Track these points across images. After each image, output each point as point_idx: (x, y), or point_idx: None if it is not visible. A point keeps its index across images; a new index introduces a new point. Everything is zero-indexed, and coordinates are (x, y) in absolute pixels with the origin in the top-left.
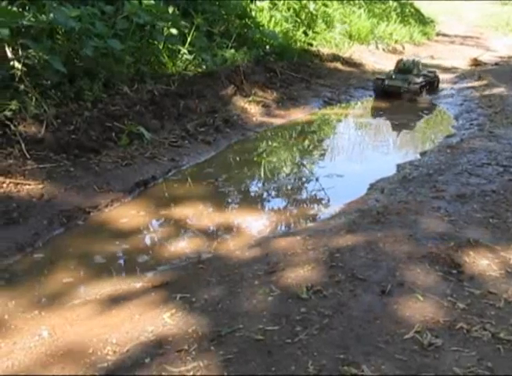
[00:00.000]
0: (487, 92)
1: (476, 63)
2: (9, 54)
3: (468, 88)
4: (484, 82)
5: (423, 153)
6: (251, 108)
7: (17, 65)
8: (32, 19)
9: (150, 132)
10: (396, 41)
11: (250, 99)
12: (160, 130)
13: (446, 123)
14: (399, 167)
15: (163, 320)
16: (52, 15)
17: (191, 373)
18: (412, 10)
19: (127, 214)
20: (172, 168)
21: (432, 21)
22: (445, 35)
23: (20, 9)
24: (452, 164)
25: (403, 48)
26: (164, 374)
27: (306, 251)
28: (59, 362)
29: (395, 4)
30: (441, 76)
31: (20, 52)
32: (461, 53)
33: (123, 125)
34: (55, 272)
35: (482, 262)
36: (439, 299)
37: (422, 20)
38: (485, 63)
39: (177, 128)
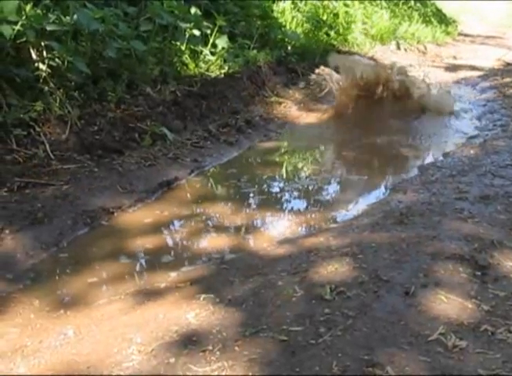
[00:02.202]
0: (510, 92)
1: (504, 63)
2: (34, 56)
3: (491, 88)
4: (508, 82)
5: (445, 154)
6: (273, 109)
7: (42, 66)
8: (56, 21)
9: (173, 133)
10: (418, 42)
11: (272, 99)
12: (182, 131)
13: (469, 123)
14: (422, 168)
15: (187, 320)
16: (75, 16)
17: (215, 373)
18: (434, 10)
19: (150, 214)
20: (195, 168)
21: (454, 21)
22: (467, 35)
23: (44, 11)
24: (475, 166)
25: (425, 48)
26: (188, 373)
27: (329, 251)
28: (84, 361)
29: (418, 4)
30: (464, 75)
31: (45, 54)
32: (483, 53)
33: (146, 126)
34: (80, 271)
35: (506, 264)
36: (463, 301)
37: (444, 20)
38: (509, 64)
39: (199, 128)
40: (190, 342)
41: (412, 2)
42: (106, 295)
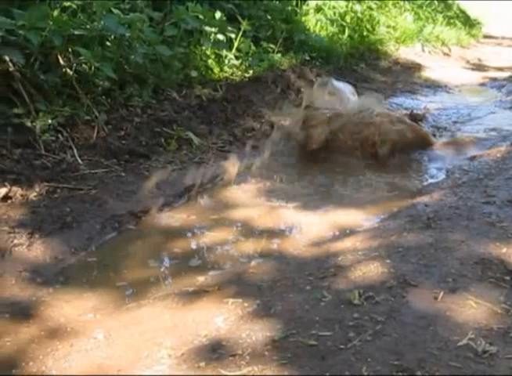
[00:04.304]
0: None
1: None
2: (61, 61)
3: None
4: None
5: (472, 158)
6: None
7: (69, 72)
8: (82, 26)
9: (198, 137)
10: (443, 44)
11: (297, 103)
12: (208, 135)
13: (495, 126)
14: (448, 172)
15: (216, 325)
16: (102, 22)
17: None
18: (458, 12)
19: (177, 218)
20: (221, 173)
21: (478, 23)
22: (491, 37)
23: (71, 17)
24: (502, 169)
25: (450, 50)
26: None
27: (356, 256)
28: (115, 364)
29: (442, 6)
30: (489, 77)
31: (72, 59)
32: (509, 55)
33: (172, 131)
34: (109, 275)
35: None
36: (492, 306)
37: (468, 22)
38: None
39: (224, 133)
40: (220, 347)
41: (436, 4)
42: (134, 299)
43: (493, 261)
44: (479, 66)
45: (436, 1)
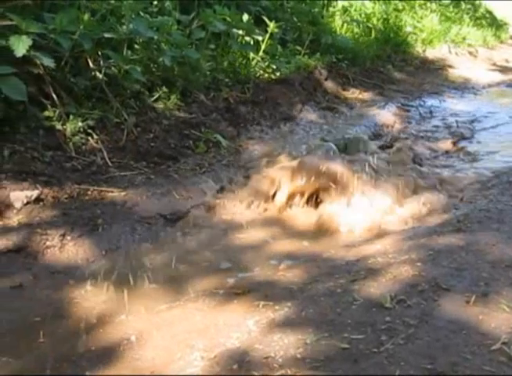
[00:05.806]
0: None
1: None
2: (91, 65)
3: None
4: None
5: (501, 160)
6: (325, 114)
7: (98, 75)
8: (112, 30)
9: (226, 140)
10: (469, 45)
11: (324, 105)
12: (235, 137)
13: None
14: (477, 174)
15: (247, 328)
16: (131, 25)
17: None
18: (485, 13)
19: (206, 220)
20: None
21: (505, 23)
22: None
23: (101, 21)
24: None
25: (476, 51)
26: None
27: (387, 259)
28: (148, 366)
29: (469, 6)
30: None
31: (101, 63)
32: None
33: (200, 133)
34: (139, 277)
35: None
36: None
37: (495, 23)
38: None
39: (252, 135)
40: (252, 349)
41: (463, 5)
42: (165, 301)
43: None
44: (506, 68)
45: (463, 2)
